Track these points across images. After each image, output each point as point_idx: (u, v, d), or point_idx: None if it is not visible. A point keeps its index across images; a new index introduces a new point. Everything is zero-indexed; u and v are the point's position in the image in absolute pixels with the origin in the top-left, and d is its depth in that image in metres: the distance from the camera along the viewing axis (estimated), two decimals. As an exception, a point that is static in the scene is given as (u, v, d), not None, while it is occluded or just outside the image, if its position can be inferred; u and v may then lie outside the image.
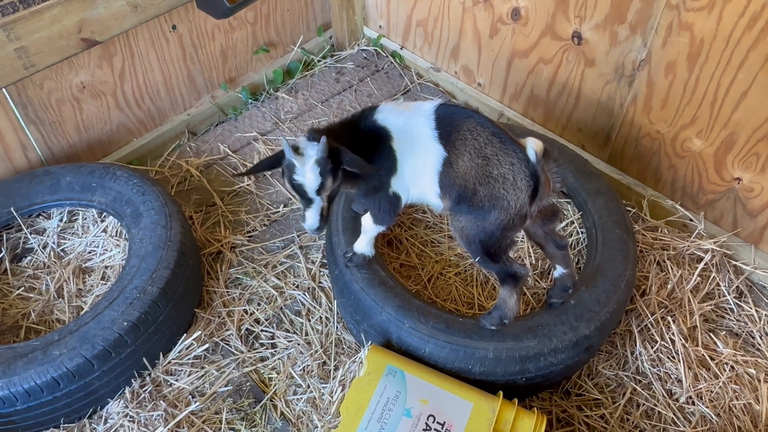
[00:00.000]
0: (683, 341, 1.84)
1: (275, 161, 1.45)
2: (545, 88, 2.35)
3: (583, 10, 2.05)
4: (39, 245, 2.05)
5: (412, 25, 2.73)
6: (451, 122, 1.48)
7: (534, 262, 2.03)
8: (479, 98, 2.61)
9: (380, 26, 2.90)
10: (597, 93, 2.19)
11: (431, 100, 1.59)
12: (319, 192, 1.39)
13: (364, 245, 1.73)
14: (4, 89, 1.95)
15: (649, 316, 1.89)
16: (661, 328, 1.87)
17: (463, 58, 2.60)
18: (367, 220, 1.67)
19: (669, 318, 1.89)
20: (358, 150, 1.45)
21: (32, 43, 1.81)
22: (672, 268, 2.00)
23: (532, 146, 1.40)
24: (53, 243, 2.05)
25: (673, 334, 1.85)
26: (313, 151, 1.37)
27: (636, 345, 1.85)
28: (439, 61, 2.73)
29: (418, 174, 1.54)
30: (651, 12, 1.89)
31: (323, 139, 1.35)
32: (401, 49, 2.85)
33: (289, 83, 2.76)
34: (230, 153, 2.45)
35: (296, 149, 1.39)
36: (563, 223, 2.10)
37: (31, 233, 2.05)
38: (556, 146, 2.13)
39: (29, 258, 2.05)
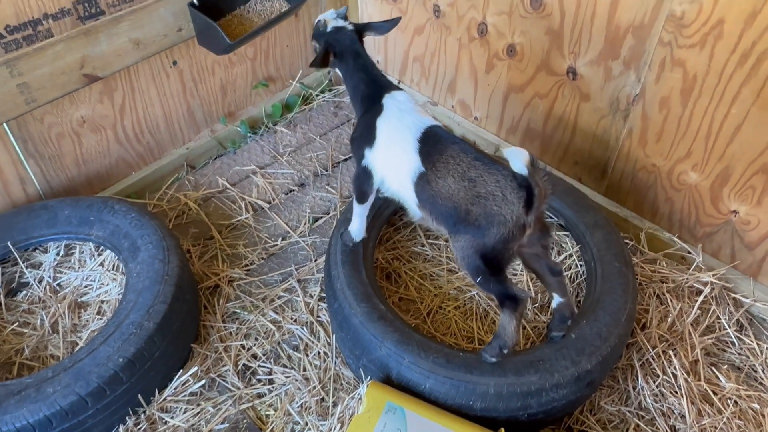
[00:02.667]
0: (685, 375, 1.82)
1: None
2: (541, 121, 2.38)
3: (577, 46, 2.09)
4: (35, 279, 2.03)
5: (409, 61, 2.77)
6: (436, 144, 1.60)
7: (534, 295, 2.02)
8: (476, 132, 2.64)
9: (378, 61, 2.94)
10: (593, 127, 2.22)
11: (430, 118, 1.68)
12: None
13: (354, 227, 1.88)
14: (4, 124, 1.96)
15: (651, 350, 1.88)
16: (663, 362, 1.86)
17: (460, 92, 2.63)
18: (353, 203, 1.85)
19: (670, 352, 1.87)
20: (360, 93, 1.74)
21: (34, 78, 1.83)
22: (672, 301, 2.00)
23: (518, 159, 1.43)
24: (49, 277, 2.04)
25: (675, 368, 1.83)
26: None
27: (638, 379, 1.83)
28: (436, 95, 2.76)
29: (391, 167, 1.67)
30: (644, 48, 1.93)
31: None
32: (398, 83, 2.89)
33: (288, 117, 2.78)
34: (229, 186, 2.46)
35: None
36: (562, 256, 2.10)
37: (27, 267, 2.03)
38: (560, 183, 2.14)
39: (24, 292, 2.03)
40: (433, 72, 2.70)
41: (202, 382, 1.82)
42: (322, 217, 2.36)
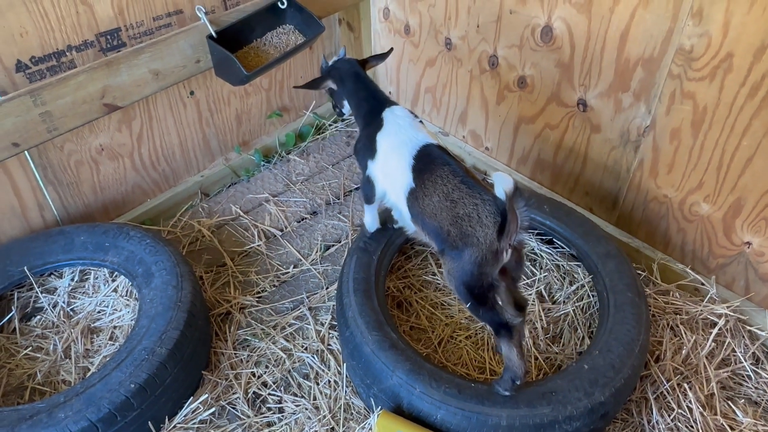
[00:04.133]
0: (701, 409, 1.79)
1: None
2: (552, 152, 2.40)
3: (587, 78, 2.12)
4: (49, 304, 2.05)
5: (420, 92, 2.82)
6: (429, 163, 1.65)
7: (545, 325, 2.01)
8: (487, 162, 2.66)
9: (390, 92, 2.99)
10: (603, 157, 2.24)
11: (426, 135, 1.74)
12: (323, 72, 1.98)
13: (368, 220, 2.02)
14: (26, 151, 2.01)
15: (665, 382, 1.85)
16: (678, 396, 1.83)
17: (471, 123, 2.67)
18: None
19: (685, 385, 1.85)
20: (362, 108, 1.86)
21: (57, 108, 1.88)
22: (686, 333, 1.98)
23: (502, 185, 1.45)
24: (63, 302, 2.06)
25: (690, 401, 1.81)
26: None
27: (652, 413, 1.80)
28: (447, 125, 2.80)
29: (390, 180, 1.77)
30: (654, 81, 1.95)
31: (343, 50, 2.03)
32: (410, 114, 2.93)
33: (301, 146, 2.83)
34: (242, 214, 2.48)
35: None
36: (574, 287, 2.09)
37: (42, 292, 2.06)
38: (566, 209, 2.15)
39: (39, 317, 2.05)
40: (444, 103, 2.74)
41: (212, 409, 1.82)
42: (333, 245, 2.37)
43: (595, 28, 2.01)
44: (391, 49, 2.06)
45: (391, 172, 1.75)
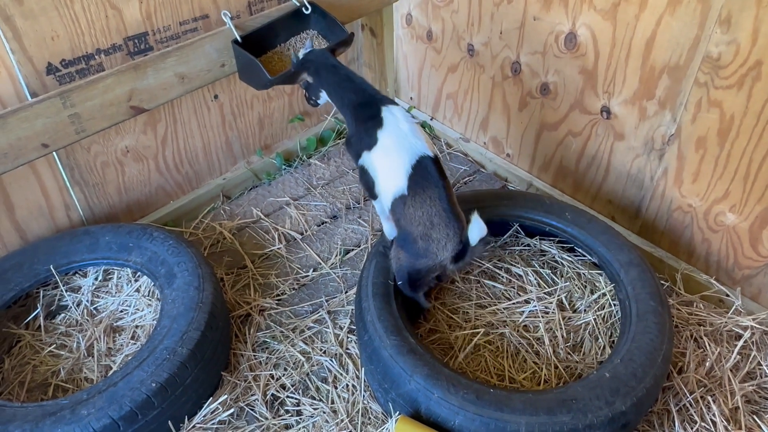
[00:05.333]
0: (725, 423, 1.76)
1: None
2: (574, 159, 2.38)
3: (612, 86, 2.11)
4: (73, 303, 2.08)
5: (442, 98, 2.82)
6: (424, 177, 1.75)
7: (565, 334, 1.99)
8: (508, 168, 2.65)
9: (411, 98, 3.00)
10: (627, 166, 2.21)
11: (424, 143, 1.79)
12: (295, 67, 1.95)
13: (386, 228, 2.03)
14: (54, 152, 2.05)
15: (688, 395, 1.82)
16: (701, 408, 1.80)
17: (492, 129, 2.66)
18: (373, 204, 2.04)
19: (709, 398, 1.81)
20: (352, 102, 1.87)
21: (85, 110, 1.91)
22: (710, 345, 1.94)
23: (477, 233, 1.73)
24: (87, 301, 2.09)
25: (714, 415, 1.77)
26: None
27: (675, 425, 1.77)
28: (468, 131, 2.80)
29: (383, 174, 1.81)
30: (680, 89, 1.93)
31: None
32: (431, 119, 2.94)
33: (322, 150, 2.84)
34: (263, 217, 2.50)
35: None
36: (595, 295, 2.07)
37: (66, 291, 2.09)
38: (587, 216, 2.13)
39: (63, 315, 2.08)
40: (465, 109, 2.73)
41: (231, 410, 1.83)
42: (353, 250, 2.38)
43: (620, 35, 2.00)
44: (352, 33, 2.05)
45: (388, 169, 1.80)
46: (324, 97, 1.98)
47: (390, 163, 1.79)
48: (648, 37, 1.93)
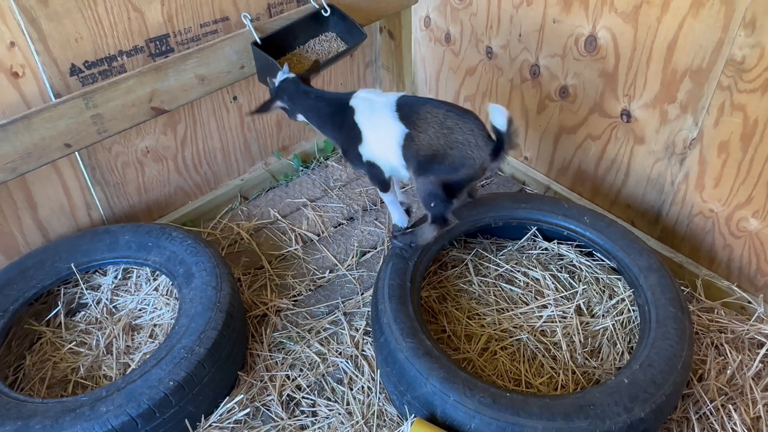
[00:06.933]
0: (746, 432, 1.73)
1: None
2: (593, 163, 2.36)
3: (632, 89, 2.08)
4: (93, 301, 2.11)
5: (460, 100, 2.81)
6: (411, 107, 1.79)
7: (583, 339, 1.97)
8: (526, 171, 2.64)
9: (429, 101, 3.00)
10: (647, 170, 2.19)
11: (396, 94, 1.85)
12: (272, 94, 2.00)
13: (395, 217, 2.06)
14: (76, 152, 2.08)
15: (708, 403, 1.79)
16: (722, 417, 1.77)
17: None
18: (382, 197, 2.04)
19: (730, 406, 1.78)
20: (328, 115, 1.92)
21: (107, 110, 1.94)
22: (731, 353, 1.91)
23: (501, 115, 1.67)
24: (107, 299, 2.11)
25: (735, 423, 1.74)
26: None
27: (694, 433, 1.74)
28: (486, 134, 2.78)
29: (384, 146, 1.84)
30: (702, 92, 1.90)
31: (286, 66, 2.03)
32: (449, 122, 2.93)
33: (339, 152, 2.85)
34: (280, 218, 2.52)
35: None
36: (613, 300, 2.04)
37: (86, 289, 2.12)
38: (607, 221, 2.11)
39: (83, 313, 2.11)
40: (483, 112, 2.72)
41: (247, 410, 1.84)
42: (369, 252, 2.38)
43: (641, 38, 1.98)
44: (318, 62, 2.11)
45: (382, 136, 1.83)
46: (301, 117, 2.04)
47: (378, 128, 1.83)
48: (670, 40, 1.91)
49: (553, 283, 2.13)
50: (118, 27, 2.00)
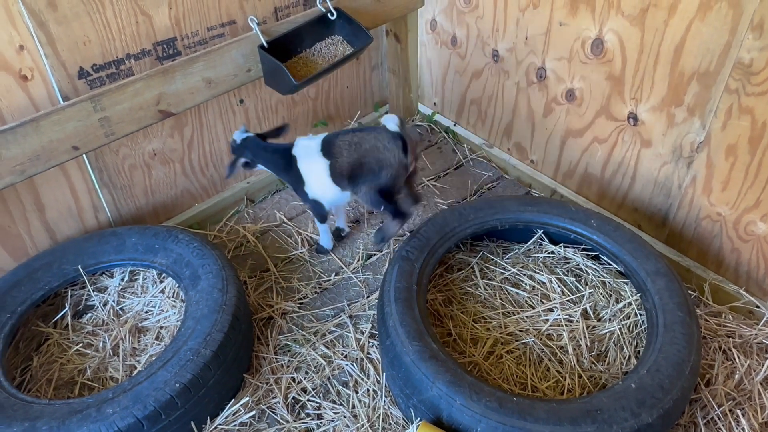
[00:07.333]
0: (755, 437, 1.72)
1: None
2: (600, 167, 2.35)
3: (639, 92, 2.08)
4: (100, 303, 2.12)
5: (466, 103, 2.81)
6: (330, 143, 2.03)
7: (590, 343, 1.96)
8: (532, 175, 2.63)
9: (434, 103, 3.00)
10: (654, 173, 2.18)
11: (319, 136, 2.07)
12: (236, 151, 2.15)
13: (324, 241, 2.35)
14: (84, 155, 2.09)
15: (716, 408, 1.78)
16: (730, 422, 1.76)
17: (516, 135, 2.64)
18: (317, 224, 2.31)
19: (738, 411, 1.77)
20: (280, 164, 2.14)
21: (115, 113, 1.95)
22: (739, 357, 1.90)
23: (392, 122, 1.95)
24: (113, 301, 2.12)
25: (743, 429, 1.73)
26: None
27: (702, 439, 1.73)
28: (492, 137, 2.78)
29: (320, 182, 2.08)
30: (709, 95, 1.90)
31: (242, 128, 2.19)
32: (455, 125, 2.93)
33: (345, 156, 2.85)
34: (286, 221, 2.52)
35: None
36: (620, 304, 2.03)
37: (93, 291, 2.13)
38: (613, 224, 2.10)
39: (90, 315, 2.12)
40: (489, 115, 2.72)
41: (253, 412, 1.84)
42: (375, 254, 2.38)
43: (648, 41, 1.97)
44: (286, 125, 2.23)
45: (317, 174, 2.06)
46: (261, 166, 2.19)
47: (312, 169, 2.07)
48: (677, 43, 1.91)
49: (559, 286, 2.12)
50: (126, 30, 2.01)
